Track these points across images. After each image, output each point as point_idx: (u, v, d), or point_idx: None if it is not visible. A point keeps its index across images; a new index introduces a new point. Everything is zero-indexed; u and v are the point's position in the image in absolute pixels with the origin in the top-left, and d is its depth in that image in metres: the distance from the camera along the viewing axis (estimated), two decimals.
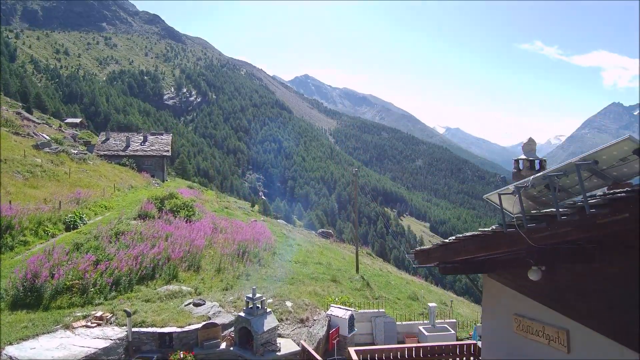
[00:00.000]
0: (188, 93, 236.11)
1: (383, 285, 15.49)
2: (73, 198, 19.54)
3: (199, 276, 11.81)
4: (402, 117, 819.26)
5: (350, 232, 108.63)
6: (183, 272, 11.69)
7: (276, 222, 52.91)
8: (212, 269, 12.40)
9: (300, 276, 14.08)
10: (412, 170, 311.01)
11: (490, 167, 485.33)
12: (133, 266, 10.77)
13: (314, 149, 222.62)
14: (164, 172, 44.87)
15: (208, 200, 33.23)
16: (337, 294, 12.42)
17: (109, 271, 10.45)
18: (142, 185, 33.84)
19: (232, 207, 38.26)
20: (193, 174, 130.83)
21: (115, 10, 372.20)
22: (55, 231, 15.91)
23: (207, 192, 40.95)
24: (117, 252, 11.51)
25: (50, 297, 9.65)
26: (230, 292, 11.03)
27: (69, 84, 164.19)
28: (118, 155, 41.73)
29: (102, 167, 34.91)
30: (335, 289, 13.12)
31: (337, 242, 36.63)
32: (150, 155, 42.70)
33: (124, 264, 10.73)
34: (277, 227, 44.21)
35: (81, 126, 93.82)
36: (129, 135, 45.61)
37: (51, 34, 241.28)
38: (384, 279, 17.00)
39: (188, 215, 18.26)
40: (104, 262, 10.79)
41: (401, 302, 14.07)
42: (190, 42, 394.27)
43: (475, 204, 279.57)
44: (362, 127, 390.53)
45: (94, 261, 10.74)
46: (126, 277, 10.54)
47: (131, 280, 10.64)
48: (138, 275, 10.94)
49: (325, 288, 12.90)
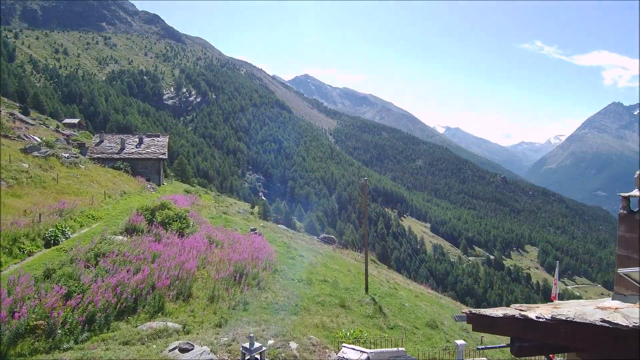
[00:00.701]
0: (188, 93, 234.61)
1: (397, 309, 13.94)
2: (56, 209, 17.90)
3: (189, 307, 10.22)
4: (402, 117, 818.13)
5: (351, 234, 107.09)
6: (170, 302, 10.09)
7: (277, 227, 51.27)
8: (205, 297, 10.81)
9: (305, 301, 12.50)
10: (412, 170, 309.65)
11: (491, 167, 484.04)
12: (111, 298, 9.11)
13: (314, 149, 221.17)
14: (160, 176, 43.29)
15: (205, 206, 31.57)
16: (347, 325, 10.88)
17: (82, 306, 8.77)
18: (136, 190, 32.22)
19: (230, 211, 36.53)
20: (192, 174, 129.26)
21: (114, 10, 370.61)
22: (33, 248, 14.31)
23: (204, 197, 39.29)
24: (94, 281, 9.85)
25: (9, 342, 7.87)
26: (225, 330, 9.45)
27: (68, 84, 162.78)
28: (112, 158, 39.99)
29: (95, 172, 33.23)
30: (345, 318, 11.57)
31: (340, 249, 34.99)
32: (145, 158, 41.02)
33: (100, 296, 9.09)
34: (277, 234, 42.53)
35: (79, 127, 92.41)
36: (124, 137, 43.87)
37: (50, 33, 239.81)
38: (397, 300, 15.39)
39: (181, 228, 16.65)
40: (77, 294, 9.14)
41: (419, 332, 12.55)
42: (190, 42, 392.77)
43: (475, 204, 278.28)
44: (362, 127, 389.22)
45: (64, 294, 9.11)
46: (102, 312, 8.88)
47: (108, 316, 8.94)
48: (117, 309, 9.29)
49: (334, 318, 11.34)
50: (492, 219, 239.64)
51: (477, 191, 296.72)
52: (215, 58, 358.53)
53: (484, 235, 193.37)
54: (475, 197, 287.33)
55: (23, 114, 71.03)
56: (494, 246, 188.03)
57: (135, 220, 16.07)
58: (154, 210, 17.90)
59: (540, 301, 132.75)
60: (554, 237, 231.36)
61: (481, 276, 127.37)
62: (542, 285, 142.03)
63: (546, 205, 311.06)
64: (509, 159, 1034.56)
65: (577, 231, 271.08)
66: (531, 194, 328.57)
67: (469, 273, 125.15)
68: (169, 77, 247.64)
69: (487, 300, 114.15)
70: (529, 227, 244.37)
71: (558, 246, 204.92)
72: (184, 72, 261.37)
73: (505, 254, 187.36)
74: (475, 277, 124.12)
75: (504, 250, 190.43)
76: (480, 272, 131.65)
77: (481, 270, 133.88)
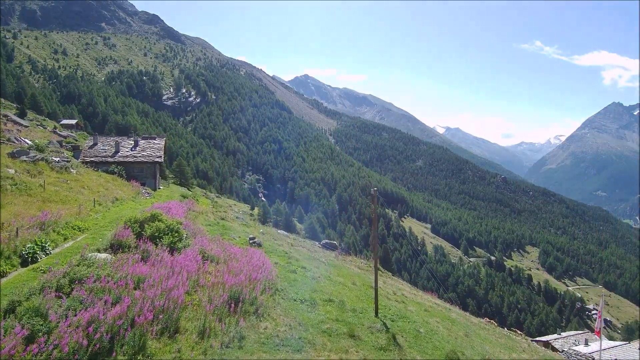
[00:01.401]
0: (187, 93, 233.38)
1: (412, 337, 12.54)
2: (37, 221, 16.40)
3: (176, 345, 8.75)
4: (402, 117, 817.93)
5: (352, 236, 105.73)
6: (154, 340, 8.62)
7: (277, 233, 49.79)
8: (195, 331, 9.35)
9: (310, 330, 11.06)
10: (412, 171, 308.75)
11: (491, 167, 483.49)
12: (82, 340, 7.61)
13: (314, 149, 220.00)
14: (156, 179, 41.60)
15: (202, 212, 29.95)
16: None
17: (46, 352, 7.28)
18: (130, 196, 30.33)
19: (229, 217, 34.86)
20: (192, 175, 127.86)
21: (114, 10, 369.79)
22: (8, 268, 12.80)
23: (202, 202, 37.70)
24: (64, 317, 8.35)
25: None
26: None
27: (66, 84, 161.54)
28: (106, 161, 38.29)
29: (86, 176, 31.38)
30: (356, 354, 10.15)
31: (343, 256, 33.45)
32: (141, 162, 39.38)
33: (68, 337, 7.59)
34: (278, 242, 40.87)
35: (77, 128, 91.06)
36: (119, 139, 42.26)
37: (49, 34, 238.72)
38: (410, 325, 13.94)
39: (172, 242, 15.13)
40: (42, 336, 7.65)
41: None
42: (190, 42, 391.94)
43: (476, 204, 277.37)
44: (362, 127, 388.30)
45: (26, 336, 7.64)
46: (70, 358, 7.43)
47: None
48: (89, 353, 7.79)
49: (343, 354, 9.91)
50: (493, 220, 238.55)
51: (477, 192, 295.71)
52: (215, 58, 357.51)
53: (485, 236, 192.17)
54: (475, 197, 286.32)
55: (19, 115, 69.66)
56: (495, 247, 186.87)
57: (121, 235, 14.52)
58: (143, 223, 16.35)
59: (542, 303, 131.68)
60: (554, 237, 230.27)
61: (482, 277, 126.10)
62: (544, 286, 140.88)
63: (547, 206, 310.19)
64: (509, 159, 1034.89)
65: (577, 232, 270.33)
66: (531, 194, 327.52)
67: (470, 274, 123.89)
68: (168, 77, 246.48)
69: (489, 301, 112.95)
70: (530, 227, 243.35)
71: (559, 247, 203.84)
72: (184, 72, 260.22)
73: (506, 254, 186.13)
74: (476, 279, 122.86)
75: (505, 251, 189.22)
76: (482, 274, 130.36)
77: (482, 271, 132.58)
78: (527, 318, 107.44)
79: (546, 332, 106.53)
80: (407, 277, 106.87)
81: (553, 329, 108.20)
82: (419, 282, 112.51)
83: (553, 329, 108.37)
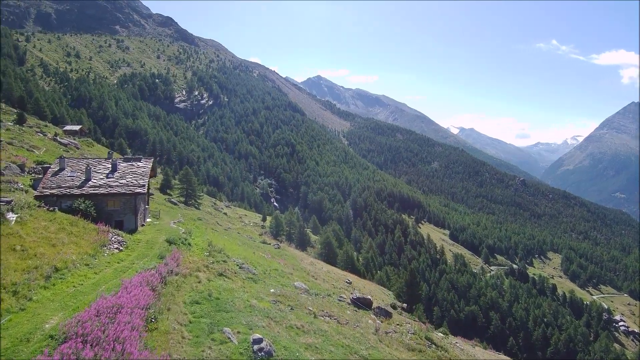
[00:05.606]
0: (200, 96, 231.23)
1: None
2: None
3: None
4: (416, 117, 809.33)
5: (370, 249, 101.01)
6: None
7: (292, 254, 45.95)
8: None
9: None
10: (427, 173, 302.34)
11: (507, 168, 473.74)
12: None
13: (327, 152, 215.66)
14: (137, 215, 31.18)
15: (191, 271, 20.73)
16: None
17: None
18: (86, 255, 20.05)
19: (230, 268, 24.23)
20: (202, 182, 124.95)
21: (128, 12, 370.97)
22: None
23: (192, 251, 26.35)
24: None
25: None
26: None
27: (77, 87, 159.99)
28: (70, 194, 28.69)
29: (30, 225, 20.93)
30: None
31: (385, 322, 26.77)
32: (116, 193, 29.96)
33: None
34: (295, 274, 36.49)
35: (81, 134, 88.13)
36: (93, 162, 32.77)
37: (63, 37, 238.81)
38: None
39: None
40: None
41: None
42: (203, 44, 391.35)
43: (494, 208, 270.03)
44: (376, 128, 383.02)
45: None
46: None
47: None
48: None
49: None
50: (512, 224, 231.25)
51: (495, 195, 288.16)
52: (228, 60, 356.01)
53: (505, 242, 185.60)
54: (494, 201, 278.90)
55: (18, 121, 66.58)
56: (516, 253, 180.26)
57: None
58: None
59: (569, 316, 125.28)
60: (576, 243, 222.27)
61: (506, 289, 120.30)
62: (569, 297, 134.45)
63: (567, 209, 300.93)
64: (525, 160, 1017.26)
65: (599, 236, 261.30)
66: (551, 197, 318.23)
67: (492, 285, 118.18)
68: (181, 79, 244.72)
69: (513, 315, 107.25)
70: (551, 232, 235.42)
71: (581, 253, 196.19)
72: (196, 74, 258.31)
73: (528, 261, 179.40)
74: (499, 290, 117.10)
75: (526, 257, 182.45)
76: (505, 284, 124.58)
77: (505, 282, 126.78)
78: (555, 333, 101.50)
79: (575, 349, 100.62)
80: (427, 289, 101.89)
81: (582, 344, 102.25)
82: (439, 294, 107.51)
83: (582, 345, 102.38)
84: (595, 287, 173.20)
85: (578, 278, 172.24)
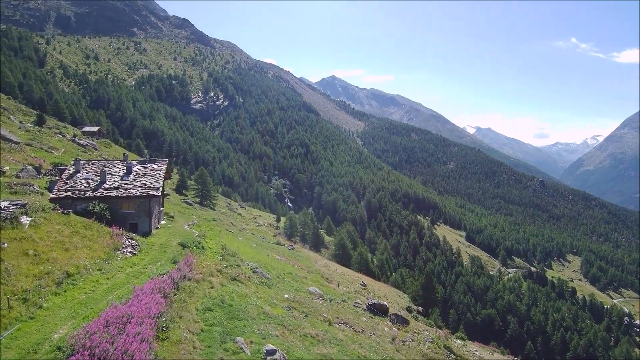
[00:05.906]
0: (215, 97, 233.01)
1: None
2: None
3: None
4: (432, 117, 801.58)
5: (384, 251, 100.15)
6: None
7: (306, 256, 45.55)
8: None
9: None
10: (443, 174, 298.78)
11: (525, 168, 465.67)
12: None
13: (342, 152, 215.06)
14: (152, 218, 31.03)
15: (204, 275, 20.42)
16: None
17: None
18: (99, 260, 19.60)
19: (243, 273, 23.42)
20: (217, 182, 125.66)
21: (145, 15, 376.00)
22: None
23: (206, 255, 25.98)
24: None
25: None
26: None
27: (96, 89, 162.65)
28: (85, 197, 28.46)
29: (44, 228, 20.58)
30: None
31: (402, 331, 25.29)
32: (130, 196, 29.64)
33: None
34: (309, 277, 36.00)
35: (99, 135, 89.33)
36: (108, 165, 32.62)
37: (82, 39, 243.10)
38: None
39: None
40: None
41: None
42: (219, 46, 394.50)
43: (512, 209, 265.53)
44: (391, 128, 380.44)
45: None
46: None
47: None
48: None
49: None
50: (531, 226, 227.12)
51: (513, 196, 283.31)
52: (244, 61, 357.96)
53: (523, 244, 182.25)
54: (511, 202, 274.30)
55: (38, 122, 67.73)
56: (534, 256, 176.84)
57: None
58: None
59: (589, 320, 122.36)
60: (596, 245, 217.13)
61: (524, 292, 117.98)
62: (589, 300, 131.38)
63: (587, 211, 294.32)
64: (543, 160, 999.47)
65: (620, 238, 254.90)
66: (570, 198, 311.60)
67: (510, 288, 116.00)
68: (197, 81, 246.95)
69: (531, 319, 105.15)
70: (570, 234, 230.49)
71: (602, 255, 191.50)
72: (212, 75, 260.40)
73: (546, 264, 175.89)
74: (517, 293, 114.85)
75: (545, 260, 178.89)
76: (523, 287, 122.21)
77: (523, 285, 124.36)
78: (574, 337, 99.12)
79: (594, 354, 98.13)
80: (442, 291, 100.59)
81: (602, 349, 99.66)
82: (455, 296, 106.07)
83: (602, 350, 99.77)
84: (616, 290, 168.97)
85: (598, 281, 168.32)
